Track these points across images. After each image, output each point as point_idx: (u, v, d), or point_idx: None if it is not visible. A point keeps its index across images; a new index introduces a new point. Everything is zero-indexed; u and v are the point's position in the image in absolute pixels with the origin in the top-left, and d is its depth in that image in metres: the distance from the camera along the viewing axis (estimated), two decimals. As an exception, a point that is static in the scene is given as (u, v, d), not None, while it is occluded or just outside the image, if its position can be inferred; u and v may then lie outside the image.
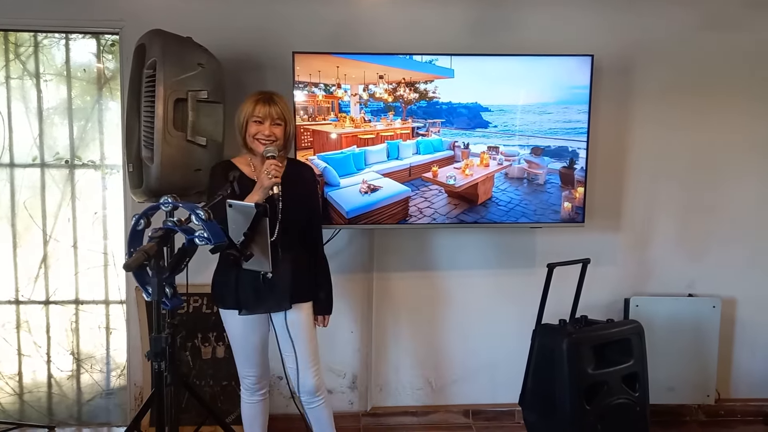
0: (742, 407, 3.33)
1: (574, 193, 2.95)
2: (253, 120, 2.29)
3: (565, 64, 2.87)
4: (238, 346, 2.43)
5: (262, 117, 2.28)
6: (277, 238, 2.24)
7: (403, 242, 3.14)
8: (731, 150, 3.19)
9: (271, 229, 2.18)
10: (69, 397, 3.25)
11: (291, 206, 2.30)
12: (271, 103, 2.29)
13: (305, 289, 2.38)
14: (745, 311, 3.28)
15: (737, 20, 3.12)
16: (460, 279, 3.20)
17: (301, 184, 2.41)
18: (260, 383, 2.48)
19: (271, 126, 2.29)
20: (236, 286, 2.31)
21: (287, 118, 2.33)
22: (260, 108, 2.28)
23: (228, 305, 2.35)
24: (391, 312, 3.19)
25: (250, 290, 2.30)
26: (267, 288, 2.28)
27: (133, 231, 1.83)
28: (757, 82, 3.15)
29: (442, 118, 2.87)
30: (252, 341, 2.40)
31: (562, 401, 2.56)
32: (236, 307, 2.33)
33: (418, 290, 3.20)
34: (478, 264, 3.19)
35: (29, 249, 3.16)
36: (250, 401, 2.50)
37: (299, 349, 2.35)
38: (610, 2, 3.07)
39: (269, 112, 2.27)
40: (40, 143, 3.12)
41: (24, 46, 3.09)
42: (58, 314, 3.21)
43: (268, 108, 2.28)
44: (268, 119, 2.28)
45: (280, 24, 2.97)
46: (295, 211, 2.32)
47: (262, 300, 2.30)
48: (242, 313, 2.33)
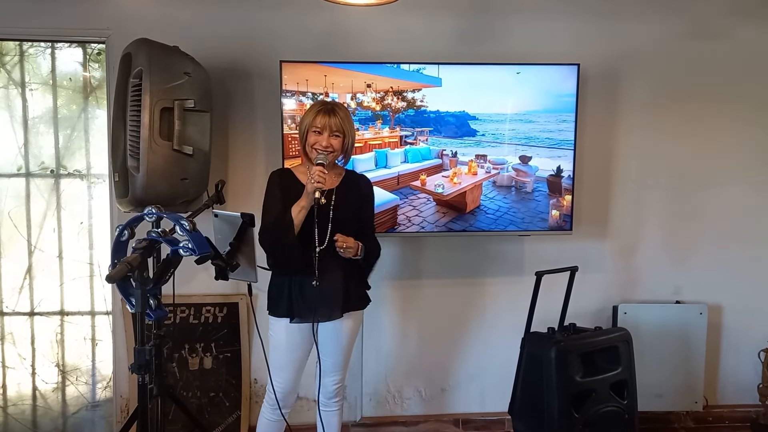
0: (730, 413, 3.34)
1: (561, 201, 2.96)
2: (312, 130, 2.30)
3: (552, 73, 2.89)
4: (281, 354, 2.39)
5: (321, 128, 2.29)
6: (324, 248, 2.27)
7: (391, 251, 3.13)
8: (717, 157, 3.22)
9: (321, 237, 2.23)
10: (54, 410, 3.20)
11: (342, 215, 2.31)
12: (332, 114, 2.30)
13: (356, 299, 2.38)
14: (731, 317, 3.30)
15: (722, 28, 3.15)
16: (449, 288, 3.19)
17: (355, 193, 2.41)
18: (286, 399, 2.43)
19: (330, 137, 2.30)
20: (289, 294, 2.31)
21: (346, 131, 2.33)
22: (320, 119, 2.29)
23: (280, 313, 2.34)
24: (380, 321, 3.18)
25: (302, 299, 2.30)
26: (318, 297, 2.27)
27: (116, 242, 1.81)
28: (742, 89, 3.19)
29: (430, 126, 2.88)
30: (294, 351, 2.38)
31: (551, 409, 2.56)
32: (288, 315, 2.32)
33: (406, 299, 3.19)
34: (466, 272, 3.19)
35: (14, 259, 3.13)
36: (270, 418, 2.45)
37: (336, 354, 2.40)
38: (596, 11, 3.10)
39: (328, 123, 2.28)
40: (26, 152, 3.09)
41: (9, 55, 3.07)
42: (43, 325, 3.17)
43: (327, 119, 2.29)
44: (326, 130, 2.29)
45: (268, 33, 2.97)
46: (346, 220, 2.33)
47: (313, 309, 2.29)
48: (293, 321, 2.32)
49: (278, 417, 2.43)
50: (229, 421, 3.08)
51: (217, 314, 3.05)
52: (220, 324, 3.05)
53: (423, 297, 3.20)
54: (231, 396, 3.08)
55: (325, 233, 2.28)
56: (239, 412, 3.08)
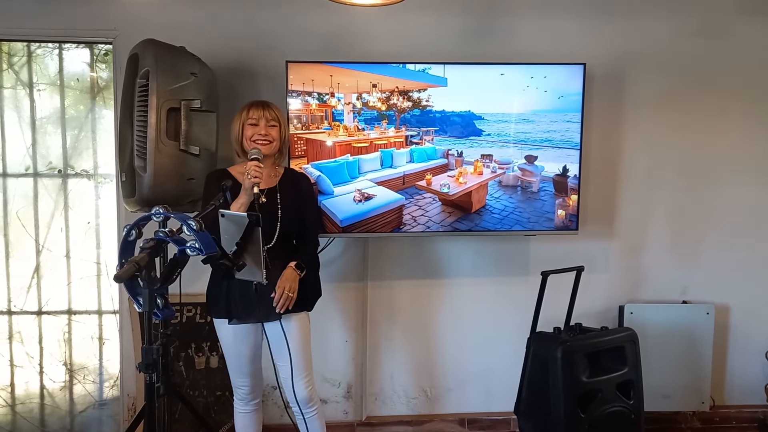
0: (737, 414, 3.32)
1: (567, 200, 2.96)
2: (248, 123, 2.35)
3: (558, 73, 2.89)
4: (230, 356, 2.42)
5: (257, 118, 2.34)
6: (272, 246, 2.26)
7: (397, 251, 3.14)
8: (724, 156, 3.21)
9: (269, 236, 2.21)
10: (62, 408, 3.22)
11: (283, 214, 2.31)
12: (264, 106, 2.37)
13: (298, 300, 2.35)
14: (738, 318, 3.28)
15: (728, 27, 3.14)
16: (455, 287, 3.19)
17: (296, 192, 2.41)
18: (253, 393, 2.47)
19: (267, 126, 2.34)
20: (227, 294, 2.31)
21: (281, 121, 2.39)
22: (254, 111, 2.35)
23: (219, 314, 2.35)
24: (385, 321, 3.18)
25: (240, 299, 2.30)
26: (257, 297, 2.27)
27: (124, 242, 1.82)
28: (748, 88, 3.17)
29: (436, 126, 2.88)
30: (243, 351, 2.39)
31: (557, 409, 2.55)
32: (227, 316, 2.33)
33: (412, 298, 3.19)
34: (472, 272, 3.19)
35: (22, 259, 3.15)
36: (243, 411, 2.48)
37: (293, 359, 2.34)
38: (601, 10, 3.09)
39: (263, 113, 2.34)
40: (33, 153, 3.11)
41: (17, 56, 3.09)
42: (50, 324, 3.19)
43: (261, 110, 2.35)
44: (262, 119, 2.34)
45: (274, 33, 2.98)
46: (287, 219, 2.33)
47: (252, 309, 2.30)
48: (232, 323, 2.33)
49: (251, 408, 2.47)
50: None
51: (224, 313, 3.06)
52: (226, 323, 3.06)
53: (429, 297, 3.20)
54: (237, 395, 3.09)
55: (273, 233, 2.29)
56: (245, 411, 3.09)
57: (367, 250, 3.13)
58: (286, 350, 2.33)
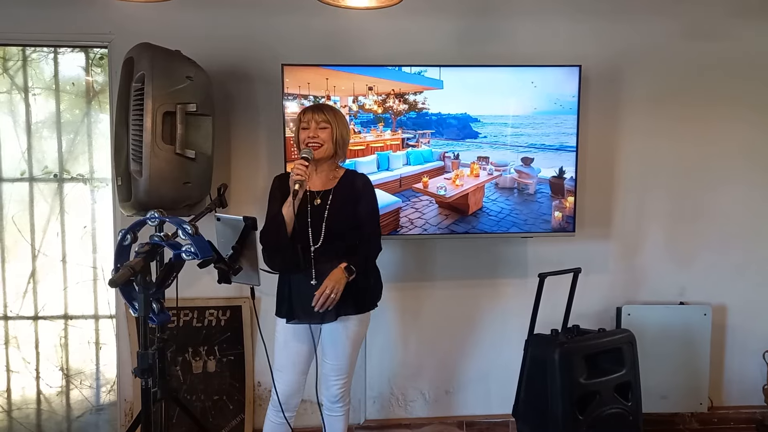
0: (735, 414, 3.33)
1: (564, 202, 2.96)
2: (302, 127, 2.36)
3: (554, 75, 2.89)
4: (280, 355, 2.41)
5: (308, 121, 2.35)
6: (320, 247, 2.28)
7: (393, 253, 3.13)
8: (720, 157, 3.21)
9: (315, 236, 2.26)
10: (58, 414, 3.21)
11: (336, 216, 2.31)
12: (317, 109, 2.37)
13: (353, 302, 2.33)
14: (735, 318, 3.29)
15: (721, 29, 3.14)
16: (452, 290, 3.19)
17: (350, 193, 2.38)
18: (289, 401, 2.42)
19: (316, 129, 2.33)
20: (289, 294, 2.34)
21: (333, 123, 2.35)
22: (306, 114, 2.36)
23: (281, 313, 2.38)
24: (383, 324, 3.17)
25: (300, 300, 2.31)
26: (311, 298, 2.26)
27: (119, 246, 1.81)
28: (744, 90, 3.18)
29: (432, 128, 2.88)
30: (292, 350, 2.38)
31: (555, 411, 2.55)
32: (287, 316, 2.35)
33: (409, 301, 3.19)
34: (469, 274, 3.19)
35: (17, 264, 3.14)
36: (274, 421, 2.45)
37: (336, 358, 2.39)
38: (596, 12, 3.10)
39: (313, 116, 2.34)
40: (29, 157, 3.10)
41: (12, 60, 3.08)
42: (47, 329, 3.18)
43: (312, 114, 2.35)
44: (312, 122, 2.34)
45: (269, 36, 2.98)
46: (339, 221, 2.32)
47: (310, 310, 2.28)
48: (290, 322, 2.34)
49: (282, 420, 2.43)
50: (233, 425, 3.08)
51: (221, 317, 3.06)
52: (223, 327, 3.06)
53: (426, 299, 3.19)
54: (234, 399, 3.08)
55: (320, 233, 2.30)
56: (243, 416, 3.08)
57: (364, 253, 3.12)
58: (334, 349, 2.38)
